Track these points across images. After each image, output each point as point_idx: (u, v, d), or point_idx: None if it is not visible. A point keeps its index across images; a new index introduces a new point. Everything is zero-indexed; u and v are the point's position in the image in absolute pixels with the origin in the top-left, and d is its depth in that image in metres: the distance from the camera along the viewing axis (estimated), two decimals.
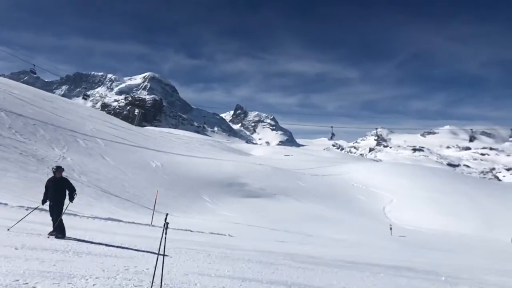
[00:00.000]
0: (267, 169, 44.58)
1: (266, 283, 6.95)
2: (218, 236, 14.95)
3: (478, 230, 29.56)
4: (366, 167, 54.86)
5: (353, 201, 37.85)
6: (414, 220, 32.11)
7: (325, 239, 20.60)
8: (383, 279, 9.18)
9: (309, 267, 9.42)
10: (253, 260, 9.34)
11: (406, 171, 49.79)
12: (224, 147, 79.25)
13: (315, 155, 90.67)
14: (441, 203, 36.18)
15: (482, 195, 39.60)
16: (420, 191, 39.66)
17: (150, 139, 49.68)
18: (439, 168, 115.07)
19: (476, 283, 10.10)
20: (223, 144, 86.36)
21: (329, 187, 41.69)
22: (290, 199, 34.56)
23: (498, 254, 21.12)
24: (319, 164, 59.42)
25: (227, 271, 7.55)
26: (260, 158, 65.08)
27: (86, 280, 5.57)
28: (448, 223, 31.06)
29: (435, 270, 11.72)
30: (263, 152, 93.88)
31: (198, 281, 6.43)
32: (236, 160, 50.63)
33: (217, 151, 65.47)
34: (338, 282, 8.01)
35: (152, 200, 19.26)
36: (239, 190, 33.49)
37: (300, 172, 48.71)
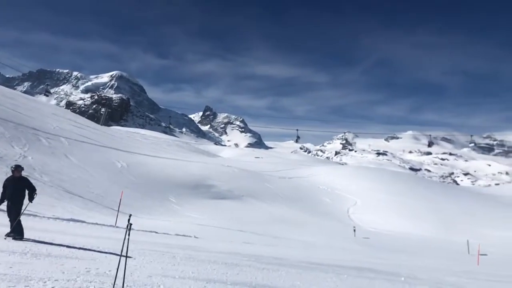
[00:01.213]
0: (235, 171, 44.55)
1: (230, 284, 6.98)
2: (184, 238, 14.84)
3: (437, 232, 30.63)
4: (332, 170, 55.79)
5: (319, 203, 38.40)
6: (377, 222, 32.92)
7: (291, 240, 20.81)
8: (346, 280, 9.38)
9: (273, 268, 9.51)
10: (218, 262, 9.35)
11: (370, 174, 50.99)
12: (192, 148, 78.61)
13: (283, 157, 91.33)
14: (402, 206, 37.28)
15: (442, 198, 41.08)
16: (383, 194, 40.71)
17: (116, 138, 48.66)
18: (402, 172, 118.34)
19: (434, 283, 10.49)
20: (191, 145, 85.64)
21: (296, 189, 42.12)
22: (257, 201, 34.67)
23: (455, 255, 21.99)
24: (286, 167, 59.92)
25: (191, 273, 7.52)
26: (229, 160, 64.92)
27: (44, 282, 5.43)
28: (409, 226, 32.03)
29: (396, 271, 12.07)
30: (232, 154, 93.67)
31: (162, 283, 6.38)
32: (204, 162, 50.34)
33: (184, 152, 64.86)
34: (302, 283, 8.13)
35: (117, 201, 18.88)
36: (206, 192, 33.30)
37: (268, 174, 48.98)
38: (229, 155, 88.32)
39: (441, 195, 42.62)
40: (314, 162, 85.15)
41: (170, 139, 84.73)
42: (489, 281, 12.53)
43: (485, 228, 31.24)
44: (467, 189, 66.61)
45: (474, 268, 16.65)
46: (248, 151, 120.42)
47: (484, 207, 38.55)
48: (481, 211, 37.00)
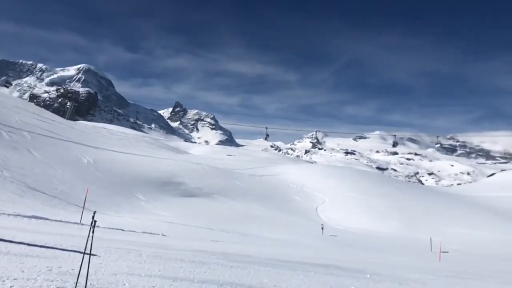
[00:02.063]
0: (205, 169, 44.29)
1: (197, 282, 6.93)
2: (151, 236, 14.63)
3: (402, 230, 31.48)
4: (302, 169, 56.35)
5: (288, 201, 38.71)
6: (344, 220, 33.52)
7: (260, 238, 20.88)
8: (313, 277, 9.48)
9: (242, 266, 9.51)
10: (185, 260, 9.26)
11: (338, 173, 51.84)
12: (161, 144, 77.61)
13: (254, 155, 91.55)
14: (369, 204, 38.10)
15: (407, 197, 42.24)
16: (351, 193, 41.48)
17: (82, 133, 47.41)
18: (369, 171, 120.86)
19: (397, 280, 10.75)
20: (160, 142, 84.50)
21: (266, 187, 42.30)
22: (227, 199, 34.60)
23: (419, 253, 22.65)
24: (257, 165, 60.10)
25: (158, 271, 7.41)
26: (199, 157, 64.48)
27: (3, 281, 5.22)
28: (375, 224, 32.77)
29: (361, 268, 12.31)
30: (202, 151, 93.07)
31: (127, 281, 6.26)
32: (173, 159, 49.80)
33: (153, 148, 63.98)
34: (269, 281, 8.16)
35: (83, 198, 18.40)
36: (175, 189, 32.96)
37: (238, 172, 48.95)
38: (199, 152, 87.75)
39: (406, 194, 43.81)
40: (284, 161, 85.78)
41: (138, 135, 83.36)
42: (450, 277, 12.95)
43: (447, 226, 32.35)
44: (431, 189, 68.79)
45: (436, 264, 17.19)
46: (218, 148, 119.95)
47: (446, 206, 39.91)
48: (443, 210, 38.29)
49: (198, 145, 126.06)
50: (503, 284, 12.55)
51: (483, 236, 29.85)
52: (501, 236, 29.92)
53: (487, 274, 15.03)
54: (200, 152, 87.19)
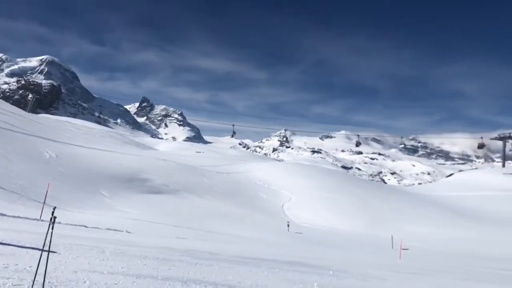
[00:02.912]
0: (171, 165, 43.78)
1: (161, 279, 6.86)
2: (115, 232, 14.35)
3: (365, 228, 32.26)
4: (269, 166, 56.69)
5: (255, 198, 38.87)
6: (310, 218, 33.99)
7: (226, 235, 20.88)
8: (278, 274, 9.57)
9: (206, 263, 9.48)
10: (149, 257, 9.14)
11: (305, 171, 52.48)
12: (127, 140, 76.12)
13: (222, 152, 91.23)
14: (334, 202, 38.81)
15: (370, 196, 43.30)
16: (317, 191, 42.11)
17: (44, 127, 45.82)
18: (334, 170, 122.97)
19: (359, 276, 11.02)
20: (126, 137, 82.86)
21: (233, 185, 42.29)
22: (194, 196, 34.36)
23: (380, 250, 23.30)
24: (224, 162, 59.97)
25: (121, 268, 7.29)
26: (165, 154, 63.65)
27: None
28: (339, 221, 33.42)
29: (325, 265, 12.53)
30: (169, 147, 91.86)
31: (88, 278, 6.11)
32: (139, 155, 48.96)
33: (119, 144, 62.65)
34: (234, 278, 8.18)
35: (43, 193, 17.82)
36: (141, 186, 32.44)
37: (205, 169, 48.67)
38: (166, 148, 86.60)
39: (369, 193, 44.90)
40: (252, 158, 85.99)
41: (103, 130, 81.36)
42: (409, 274, 13.39)
43: (408, 224, 33.40)
44: (393, 188, 70.81)
45: (397, 261, 17.72)
46: (186, 145, 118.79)
47: (407, 205, 41.20)
48: (405, 208, 39.51)
49: (165, 141, 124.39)
50: (459, 280, 13.09)
51: (441, 234, 31.01)
52: (458, 234, 31.20)
53: (444, 270, 15.64)
54: (167, 148, 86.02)
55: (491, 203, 45.22)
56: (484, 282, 13.14)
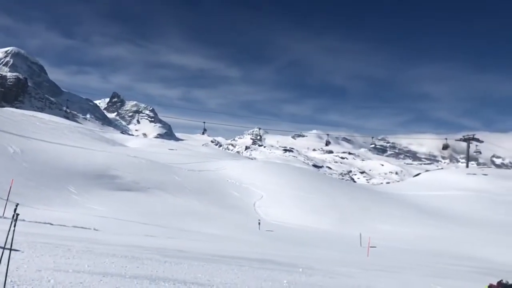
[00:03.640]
0: (141, 162, 43.13)
1: (129, 277, 6.75)
2: (82, 230, 14.04)
3: (334, 226, 32.73)
4: (241, 164, 56.69)
5: (227, 196, 38.79)
6: (280, 216, 34.21)
7: (197, 233, 20.77)
8: (247, 271, 9.60)
9: (176, 261, 9.41)
10: (117, 255, 8.99)
11: (277, 169, 52.76)
12: (96, 136, 74.39)
13: (194, 150, 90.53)
14: (305, 200, 39.21)
15: (340, 194, 43.98)
16: (288, 189, 42.41)
17: (9, 121, 44.23)
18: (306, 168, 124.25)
19: (328, 273, 11.19)
20: (95, 133, 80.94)
21: (205, 182, 42.07)
22: (164, 193, 33.97)
23: (348, 247, 23.72)
24: (196, 159, 59.54)
25: (87, 266, 7.13)
26: (136, 150, 62.62)
27: None
28: (310, 219, 33.78)
29: (295, 262, 12.66)
30: (140, 144, 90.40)
31: (53, 277, 5.95)
32: (109, 151, 48.00)
33: (88, 140, 61.18)
34: (203, 276, 8.16)
35: (7, 190, 17.21)
36: (110, 183, 31.83)
37: (177, 166, 48.19)
38: (136, 145, 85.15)
39: (339, 191, 45.59)
40: (225, 156, 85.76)
41: (72, 125, 79.27)
42: (376, 271, 13.69)
43: (376, 223, 34.10)
44: (363, 187, 72.15)
45: (364, 259, 18.09)
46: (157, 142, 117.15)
47: (376, 203, 42.07)
48: (373, 206, 40.32)
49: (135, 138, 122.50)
50: (423, 276, 13.49)
51: (407, 232, 31.84)
52: (424, 232, 32.12)
53: (410, 267, 16.09)
54: (137, 145, 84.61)
55: (455, 202, 46.79)
56: (447, 278, 13.59)
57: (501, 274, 15.23)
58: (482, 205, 45.79)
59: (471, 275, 15.96)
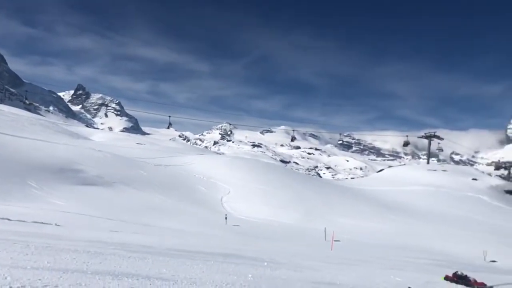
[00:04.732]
0: (106, 156, 42.20)
1: (90, 273, 6.65)
2: (42, 226, 13.65)
3: (300, 221, 33.24)
4: (209, 159, 56.45)
5: (194, 191, 38.60)
6: (247, 211, 34.39)
7: (162, 228, 20.60)
8: (213, 266, 9.63)
9: (140, 257, 9.32)
10: (79, 251, 8.82)
11: (244, 165, 52.89)
12: (59, 129, 72.16)
13: (160, 144, 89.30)
14: (272, 195, 39.56)
15: (306, 189, 44.63)
16: (255, 184, 42.65)
17: None
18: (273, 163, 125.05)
19: (292, 267, 11.38)
20: (58, 126, 78.47)
21: (172, 177, 41.66)
22: (130, 188, 33.43)
23: (313, 242, 24.16)
24: (163, 154, 58.80)
25: (46, 263, 6.97)
26: (101, 144, 61.16)
27: None
28: (276, 214, 34.15)
29: (260, 256, 12.79)
30: (105, 138, 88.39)
31: (9, 274, 5.79)
32: (72, 144, 46.67)
33: (50, 133, 59.27)
34: (168, 271, 8.13)
35: None
36: (73, 177, 31.01)
37: (143, 161, 47.46)
38: (101, 139, 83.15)
39: (306, 186, 46.25)
40: (192, 151, 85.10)
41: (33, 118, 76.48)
42: (340, 264, 14.03)
43: (340, 217, 34.87)
44: (328, 182, 73.46)
45: (329, 253, 18.50)
46: (123, 135, 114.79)
47: (341, 198, 42.99)
48: (338, 201, 41.19)
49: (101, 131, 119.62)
50: (383, 269, 13.94)
51: (370, 226, 32.74)
52: (385, 226, 33.12)
53: (371, 260, 16.59)
54: (102, 139, 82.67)
55: (416, 197, 48.47)
56: (406, 271, 14.11)
57: (457, 266, 16.00)
58: (441, 200, 47.68)
59: (429, 267, 16.63)
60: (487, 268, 19.40)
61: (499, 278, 13.60)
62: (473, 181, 58.49)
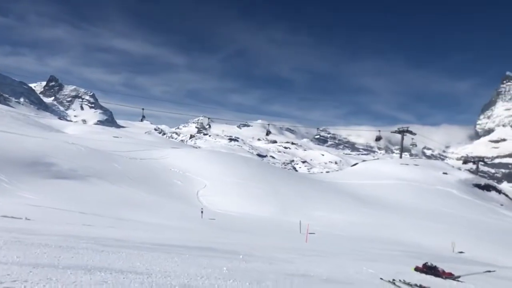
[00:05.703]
0: (80, 149, 41.41)
1: (62, 268, 6.56)
2: (12, 220, 13.33)
3: (276, 214, 33.49)
4: (185, 153, 56.11)
5: (170, 185, 38.35)
6: (223, 204, 34.42)
7: (137, 222, 20.41)
8: (187, 259, 9.62)
9: (114, 251, 9.23)
10: (51, 245, 8.66)
11: (221, 158, 52.83)
12: (31, 121, 70.29)
13: (136, 138, 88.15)
14: (248, 189, 39.69)
15: (282, 183, 44.96)
16: (232, 178, 42.69)
17: None
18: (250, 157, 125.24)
19: (267, 260, 11.48)
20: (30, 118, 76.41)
21: (147, 171, 41.25)
22: (104, 182, 32.95)
23: (288, 234, 24.40)
24: (138, 147, 58.10)
25: (16, 257, 6.83)
26: (74, 137, 59.90)
27: None
28: (252, 207, 34.30)
29: (235, 250, 12.85)
30: (79, 130, 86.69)
31: None
32: (44, 137, 45.54)
33: (21, 125, 57.67)
34: (142, 264, 8.08)
35: None
36: (46, 171, 30.35)
37: (118, 154, 46.77)
38: (75, 131, 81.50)
39: (281, 180, 46.59)
40: (168, 144, 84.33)
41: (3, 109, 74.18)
42: (314, 256, 14.23)
43: (315, 210, 35.31)
44: (304, 175, 74.18)
45: (303, 245, 18.71)
46: (97, 128, 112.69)
47: (316, 192, 43.50)
48: (313, 195, 41.68)
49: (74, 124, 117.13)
50: (356, 260, 14.23)
51: (344, 218, 33.30)
52: (358, 219, 33.74)
53: (344, 252, 16.90)
54: (76, 132, 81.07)
55: (388, 190, 49.51)
56: (378, 262, 14.45)
57: (427, 257, 16.47)
58: (413, 194, 48.87)
59: (400, 258, 17.07)
60: (455, 259, 20.07)
61: (466, 268, 14.08)
62: (443, 175, 60.13)
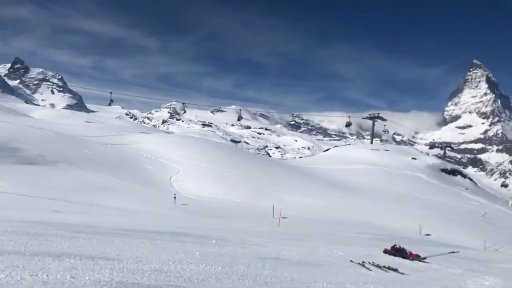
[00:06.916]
0: (48, 134, 40.29)
1: (29, 255, 6.43)
2: None
3: (249, 199, 33.73)
4: (157, 138, 55.46)
5: (141, 171, 37.92)
6: (197, 190, 34.36)
7: (108, 208, 20.15)
8: (160, 244, 9.60)
9: (84, 237, 9.10)
10: (17, 232, 8.46)
11: (194, 144, 52.50)
12: None
13: (106, 123, 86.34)
14: (221, 174, 39.72)
15: (255, 168, 45.19)
16: (205, 163, 42.56)
17: None
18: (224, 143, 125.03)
19: (239, 243, 11.59)
20: None
21: (118, 157, 40.61)
22: (74, 168, 32.25)
23: (260, 219, 24.68)
24: (109, 132, 57.00)
25: None
26: (42, 122, 58.15)
27: None
28: (225, 193, 34.40)
29: (208, 234, 12.90)
30: (47, 115, 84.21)
31: None
32: (9, 122, 44.02)
33: None
34: (113, 250, 8.01)
35: None
36: (11, 156, 29.44)
37: (88, 139, 45.77)
38: (42, 116, 79.10)
39: (255, 166, 46.82)
40: (140, 129, 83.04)
41: None
42: (285, 240, 14.47)
43: (288, 195, 35.75)
44: (277, 161, 74.74)
45: (276, 229, 18.99)
46: (66, 113, 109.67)
47: (288, 177, 43.98)
48: (286, 180, 42.12)
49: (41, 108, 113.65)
50: (327, 244, 14.56)
51: (315, 202, 33.88)
52: (331, 203, 34.44)
53: (316, 236, 17.26)
54: (44, 116, 78.69)
55: (358, 175, 50.57)
56: (348, 245, 14.83)
57: (396, 240, 17.02)
58: (382, 178, 50.12)
59: (370, 241, 17.57)
60: (422, 241, 20.85)
61: (432, 250, 14.65)
62: (412, 160, 61.83)
